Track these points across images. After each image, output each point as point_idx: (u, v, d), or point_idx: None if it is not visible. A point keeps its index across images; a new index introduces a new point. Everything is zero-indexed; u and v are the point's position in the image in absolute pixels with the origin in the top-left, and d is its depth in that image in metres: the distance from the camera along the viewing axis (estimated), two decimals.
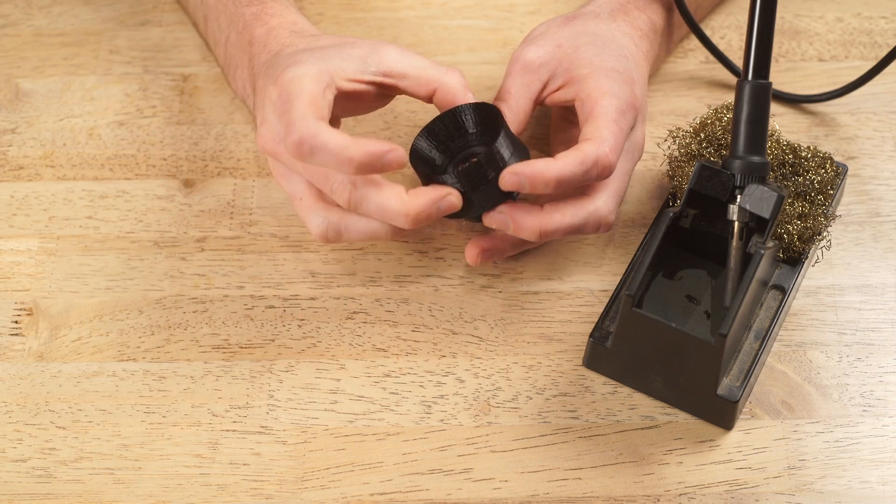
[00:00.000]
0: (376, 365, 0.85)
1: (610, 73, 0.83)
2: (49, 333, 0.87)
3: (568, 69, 0.84)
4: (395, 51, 0.83)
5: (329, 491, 0.81)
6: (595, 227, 0.82)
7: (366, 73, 0.82)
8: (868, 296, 0.88)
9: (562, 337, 0.86)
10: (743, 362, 0.83)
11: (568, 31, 0.86)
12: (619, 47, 0.86)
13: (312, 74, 0.79)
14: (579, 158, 0.79)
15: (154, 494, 0.81)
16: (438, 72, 0.82)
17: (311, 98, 0.78)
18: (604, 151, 0.79)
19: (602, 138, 0.80)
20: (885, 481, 0.81)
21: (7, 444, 0.82)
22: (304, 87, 0.78)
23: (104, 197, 0.92)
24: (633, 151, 0.85)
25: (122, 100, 0.97)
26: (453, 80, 0.82)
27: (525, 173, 0.78)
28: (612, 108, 0.81)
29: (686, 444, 0.82)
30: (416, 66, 0.82)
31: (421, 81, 0.82)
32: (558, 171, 0.78)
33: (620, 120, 0.81)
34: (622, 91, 0.82)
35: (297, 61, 0.80)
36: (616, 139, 0.80)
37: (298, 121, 0.77)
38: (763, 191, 0.80)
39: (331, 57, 0.81)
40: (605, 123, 0.81)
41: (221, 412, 0.83)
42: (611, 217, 0.83)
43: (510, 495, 0.81)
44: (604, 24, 0.87)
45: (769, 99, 0.82)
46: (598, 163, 0.79)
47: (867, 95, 0.96)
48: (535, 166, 0.79)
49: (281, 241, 0.90)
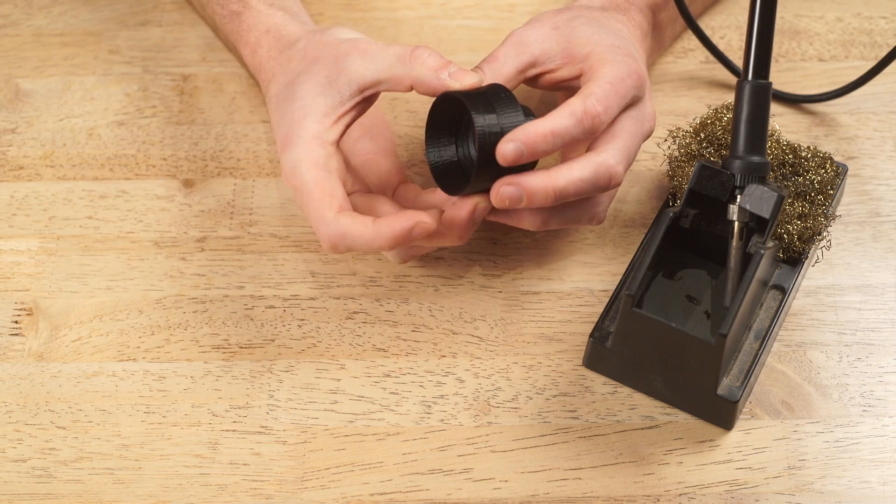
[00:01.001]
0: (376, 365, 0.85)
1: (611, 47, 0.83)
2: (49, 333, 0.87)
3: (566, 49, 0.84)
4: (359, 60, 0.82)
5: (329, 491, 0.81)
6: (606, 180, 0.80)
7: (345, 103, 0.82)
8: (868, 296, 0.88)
9: (562, 337, 0.86)
10: (743, 362, 0.83)
11: (563, 16, 0.86)
12: (615, 29, 0.86)
13: (307, 160, 0.80)
14: (568, 110, 0.79)
15: (154, 494, 0.81)
16: (405, 67, 0.81)
17: (319, 189, 0.80)
18: (591, 102, 0.79)
19: (590, 91, 0.80)
20: (885, 481, 0.81)
21: (7, 444, 0.82)
22: (308, 179, 0.80)
23: (104, 197, 0.92)
24: (643, 120, 0.83)
25: (122, 100, 0.97)
26: (421, 71, 0.81)
27: (520, 138, 0.78)
28: (609, 73, 0.81)
29: (686, 444, 0.82)
30: (383, 68, 0.81)
31: (393, 83, 0.82)
32: (551, 125, 0.78)
33: (617, 83, 0.81)
34: (625, 62, 0.82)
35: (287, 140, 0.81)
36: (605, 94, 0.80)
37: (321, 223, 0.79)
38: (763, 191, 0.80)
39: (307, 106, 0.81)
40: (597, 83, 0.81)
41: (221, 412, 0.83)
42: (620, 168, 0.81)
43: (510, 495, 0.81)
44: (596, 13, 0.87)
45: (769, 99, 0.81)
46: (587, 112, 0.79)
47: (867, 95, 0.96)
48: (527, 129, 0.78)
49: (281, 241, 0.90)
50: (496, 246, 0.90)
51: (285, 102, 0.82)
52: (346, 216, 0.79)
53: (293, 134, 0.81)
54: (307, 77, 0.82)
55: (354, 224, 0.79)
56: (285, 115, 0.82)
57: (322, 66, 0.82)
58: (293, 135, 0.81)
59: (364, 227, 0.79)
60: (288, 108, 0.82)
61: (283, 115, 0.82)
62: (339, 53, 0.82)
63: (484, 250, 0.90)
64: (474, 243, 0.90)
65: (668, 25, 0.95)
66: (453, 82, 0.80)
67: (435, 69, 0.81)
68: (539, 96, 0.96)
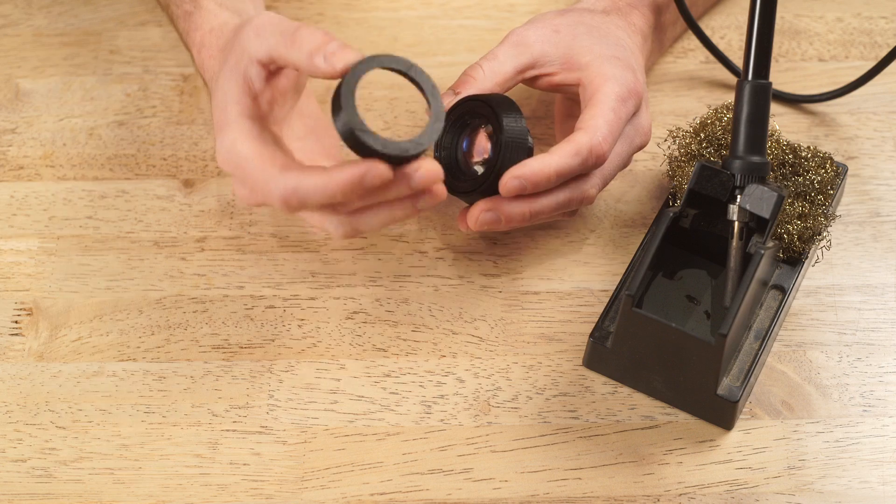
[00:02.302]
0: (376, 365, 0.85)
1: (611, 59, 0.84)
2: (49, 333, 0.87)
3: (566, 54, 0.84)
4: (252, 37, 0.77)
5: (329, 491, 0.81)
6: (578, 201, 0.83)
7: (255, 81, 0.78)
8: (868, 296, 0.88)
9: (562, 337, 0.86)
10: (743, 362, 0.83)
11: (566, 20, 0.86)
12: (615, 38, 0.86)
13: (240, 137, 0.77)
14: (574, 149, 0.80)
15: (154, 494, 0.81)
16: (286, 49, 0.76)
17: (259, 155, 0.76)
18: (597, 140, 0.80)
19: (596, 127, 0.81)
20: (885, 481, 0.81)
21: (7, 444, 0.82)
22: (244, 151, 0.76)
23: (104, 197, 0.92)
24: (637, 136, 0.85)
25: (122, 100, 0.97)
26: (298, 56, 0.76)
27: (525, 175, 0.79)
28: (613, 94, 0.82)
29: (686, 444, 0.82)
30: (271, 46, 0.76)
31: (280, 62, 0.77)
32: (556, 165, 0.80)
33: (619, 108, 0.82)
34: (624, 77, 0.83)
35: (218, 128, 0.78)
36: (611, 127, 0.81)
37: (268, 184, 0.75)
38: (763, 191, 0.80)
39: (227, 92, 0.78)
40: (601, 112, 0.81)
41: (221, 412, 0.83)
42: (593, 191, 0.83)
43: (510, 495, 0.81)
44: (598, 18, 0.87)
45: (769, 99, 0.81)
46: (592, 152, 0.81)
47: (867, 95, 0.96)
48: (532, 166, 0.79)
49: (281, 241, 0.90)
50: (496, 246, 0.90)
51: (213, 96, 0.81)
52: (293, 170, 0.75)
53: (221, 121, 0.78)
54: (223, 67, 0.80)
55: (304, 174, 0.75)
56: (214, 107, 0.80)
57: (230, 51, 0.79)
58: (221, 121, 0.78)
59: (315, 175, 0.74)
60: (214, 100, 0.80)
61: (213, 108, 0.80)
62: (240, 34, 0.79)
63: (484, 250, 0.90)
64: (474, 243, 0.90)
65: (670, 27, 0.95)
66: (326, 66, 0.74)
67: (310, 53, 0.75)
68: (538, 96, 0.96)
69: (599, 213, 0.91)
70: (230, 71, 0.79)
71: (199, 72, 0.88)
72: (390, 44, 1.00)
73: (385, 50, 0.99)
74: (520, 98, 0.95)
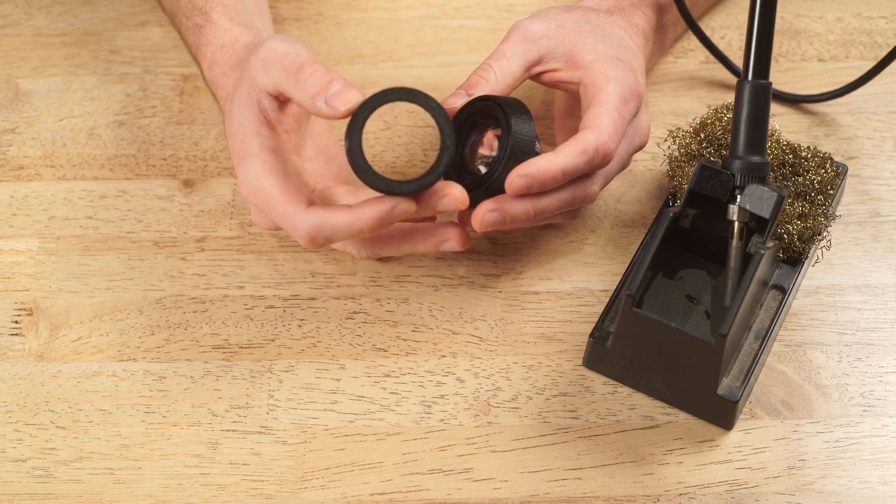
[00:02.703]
0: (376, 365, 0.85)
1: (614, 60, 0.84)
2: (49, 333, 0.87)
3: (570, 51, 0.84)
4: (259, 68, 0.79)
5: (329, 491, 0.81)
6: (581, 201, 0.83)
7: (268, 112, 0.80)
8: (868, 296, 0.88)
9: (562, 337, 0.86)
10: (743, 362, 0.83)
11: (571, 16, 0.86)
12: (617, 38, 0.86)
13: (263, 170, 0.78)
14: (580, 148, 0.80)
15: (154, 494, 0.81)
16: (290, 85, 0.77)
17: (283, 190, 0.78)
18: (603, 139, 0.80)
19: (601, 126, 0.81)
20: (885, 481, 0.81)
21: (7, 444, 0.82)
22: (268, 185, 0.78)
23: (104, 197, 0.92)
24: (636, 136, 0.85)
25: (122, 100, 0.97)
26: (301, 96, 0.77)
27: (531, 174, 0.79)
28: (616, 95, 0.82)
29: (686, 444, 0.82)
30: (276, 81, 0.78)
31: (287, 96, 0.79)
32: (563, 163, 0.80)
33: (622, 108, 0.82)
34: (626, 78, 0.83)
35: (239, 159, 0.79)
36: (616, 127, 0.81)
37: (294, 219, 0.77)
38: (763, 191, 0.80)
39: (243, 123, 0.79)
40: (606, 111, 0.81)
41: (221, 412, 0.83)
42: (595, 188, 0.83)
43: (510, 495, 0.81)
44: (602, 18, 0.87)
45: (769, 99, 0.81)
46: (598, 151, 0.80)
47: (867, 95, 0.96)
48: (539, 164, 0.79)
49: (281, 241, 0.90)
50: (496, 246, 0.90)
51: (229, 122, 0.82)
52: (318, 207, 0.78)
53: (241, 152, 0.80)
54: (236, 94, 0.81)
55: (330, 212, 0.77)
56: (231, 136, 0.81)
57: (243, 79, 0.81)
58: (242, 153, 0.80)
59: (341, 213, 0.77)
60: (231, 127, 0.81)
61: (231, 136, 0.81)
62: (248, 64, 0.80)
63: (484, 250, 0.90)
64: (474, 243, 0.90)
65: (671, 27, 0.95)
66: (328, 110, 0.76)
67: (312, 96, 0.76)
68: (540, 97, 0.96)
69: (599, 213, 0.91)
70: (243, 100, 0.80)
71: (210, 88, 0.89)
72: (390, 44, 1.00)
73: (385, 49, 0.99)
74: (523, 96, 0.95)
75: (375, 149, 0.94)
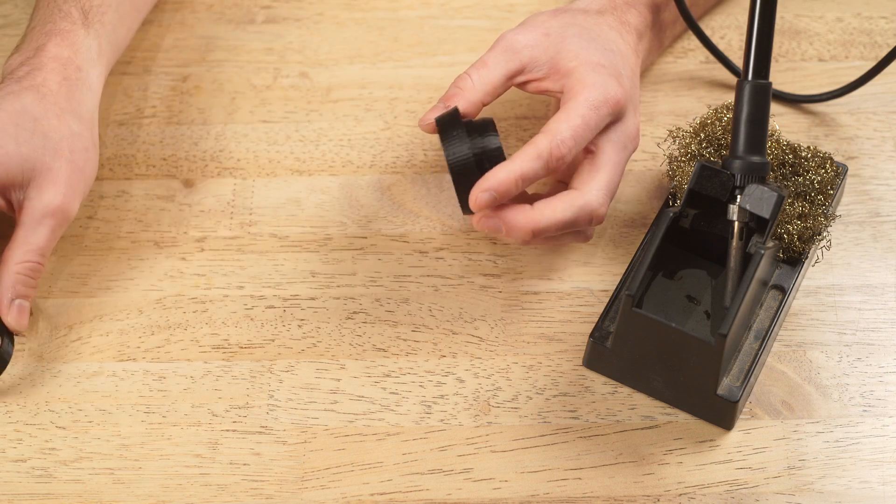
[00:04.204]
0: (376, 365, 0.85)
1: (595, 66, 0.83)
2: (49, 333, 0.87)
3: (553, 59, 0.84)
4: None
5: (329, 491, 0.81)
6: (587, 220, 0.82)
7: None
8: (868, 296, 0.88)
9: (562, 337, 0.86)
10: (743, 362, 0.83)
11: (557, 22, 0.86)
12: (606, 41, 0.86)
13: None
14: (535, 153, 0.80)
15: (154, 494, 0.81)
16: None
17: None
18: (556, 143, 0.80)
19: (556, 130, 0.81)
20: (885, 481, 0.81)
21: (7, 444, 0.82)
22: None
23: (104, 197, 0.92)
24: (625, 142, 0.84)
25: (122, 100, 0.97)
26: None
27: (492, 187, 0.80)
28: (585, 102, 0.82)
29: (686, 444, 0.82)
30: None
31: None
32: (519, 169, 0.80)
33: (588, 114, 0.82)
34: (604, 84, 0.82)
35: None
36: (574, 132, 0.81)
37: None
38: (763, 191, 0.80)
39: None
40: (567, 117, 0.81)
41: (221, 412, 0.83)
42: (602, 209, 0.82)
43: (510, 495, 0.81)
44: (592, 19, 0.87)
45: (769, 99, 0.82)
46: (552, 154, 0.80)
47: (867, 95, 0.96)
48: (497, 175, 0.80)
49: (281, 241, 0.90)
50: (496, 246, 0.90)
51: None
52: None
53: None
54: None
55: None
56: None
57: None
58: None
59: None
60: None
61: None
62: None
63: (484, 250, 0.90)
64: (474, 243, 0.90)
65: (670, 26, 0.95)
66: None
67: None
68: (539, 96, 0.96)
69: None
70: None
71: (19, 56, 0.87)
72: (390, 44, 1.00)
73: (385, 49, 0.99)
74: (517, 98, 0.96)
75: (376, 148, 0.94)
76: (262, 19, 1.01)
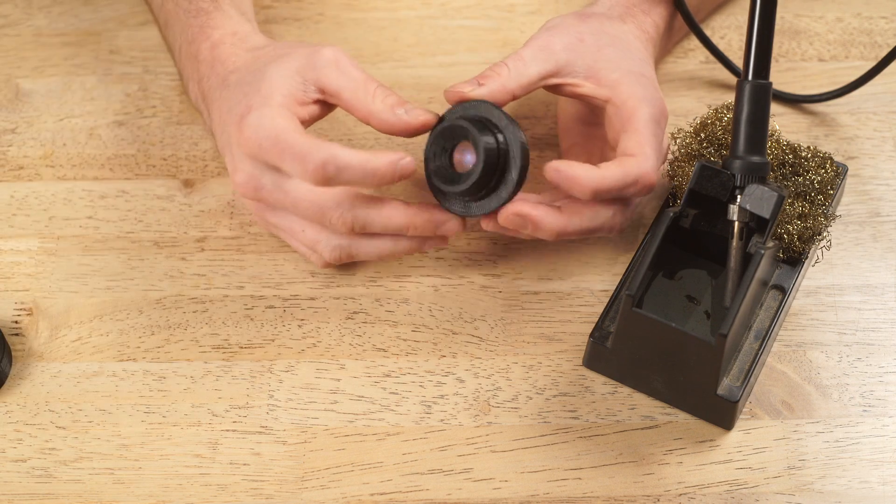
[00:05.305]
0: (376, 365, 0.85)
1: (640, 78, 0.84)
2: (49, 333, 0.87)
3: (591, 67, 0.84)
4: (332, 67, 0.82)
5: (329, 491, 0.81)
6: (609, 230, 0.84)
7: (308, 94, 0.82)
8: (868, 296, 0.88)
9: (562, 337, 0.86)
10: (743, 362, 0.83)
11: (588, 28, 0.86)
12: (635, 50, 0.86)
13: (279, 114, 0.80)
14: (622, 172, 0.80)
15: (154, 494, 0.81)
16: (366, 95, 0.82)
17: (297, 128, 0.80)
18: (646, 169, 0.81)
19: (646, 156, 0.81)
20: (885, 481, 0.81)
21: (7, 444, 0.82)
22: (282, 124, 0.79)
23: (104, 197, 0.92)
24: (662, 152, 0.86)
25: (122, 100, 0.97)
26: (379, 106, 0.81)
27: (567, 173, 0.79)
28: (651, 119, 0.82)
29: (686, 444, 0.82)
30: (349, 86, 0.82)
31: (351, 102, 0.82)
32: (599, 180, 0.80)
33: (658, 132, 0.83)
34: (654, 97, 0.83)
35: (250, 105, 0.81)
36: (658, 157, 0.82)
37: (308, 149, 0.78)
38: (763, 191, 0.80)
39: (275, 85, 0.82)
40: (647, 139, 0.82)
41: (221, 412, 0.83)
42: (624, 224, 0.85)
43: (510, 495, 0.81)
44: (617, 27, 0.87)
45: (769, 99, 0.81)
46: (638, 181, 0.81)
47: (867, 95, 0.96)
48: (576, 169, 0.79)
49: (281, 241, 0.90)
50: (496, 246, 0.90)
51: (248, 82, 0.83)
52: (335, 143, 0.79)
53: (258, 103, 0.81)
54: (277, 64, 0.82)
55: (345, 150, 0.78)
56: (248, 91, 0.82)
57: (294, 59, 0.83)
58: (258, 103, 0.81)
59: (355, 152, 0.78)
60: (252, 85, 0.82)
61: (243, 92, 0.82)
62: (317, 56, 0.82)
63: (484, 250, 0.90)
64: (474, 243, 0.90)
65: (676, 33, 0.96)
66: (411, 119, 0.81)
67: (392, 106, 0.81)
68: (538, 97, 0.96)
69: None
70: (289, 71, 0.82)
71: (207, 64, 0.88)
72: (390, 44, 1.00)
73: (385, 49, 0.99)
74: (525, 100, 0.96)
75: (376, 149, 0.94)
76: (262, 19, 1.00)
